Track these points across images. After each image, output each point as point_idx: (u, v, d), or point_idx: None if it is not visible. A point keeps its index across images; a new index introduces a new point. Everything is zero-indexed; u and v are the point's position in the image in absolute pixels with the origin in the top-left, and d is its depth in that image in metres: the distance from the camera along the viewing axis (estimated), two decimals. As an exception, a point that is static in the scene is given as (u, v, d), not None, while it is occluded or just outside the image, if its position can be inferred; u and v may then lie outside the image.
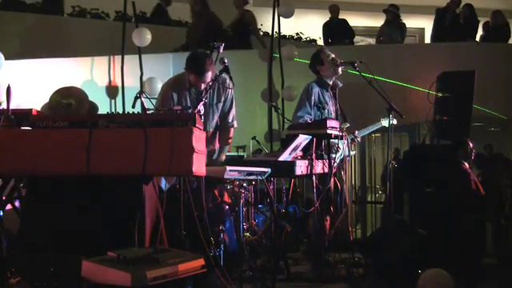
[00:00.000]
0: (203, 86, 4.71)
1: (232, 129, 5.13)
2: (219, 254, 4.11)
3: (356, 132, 5.71)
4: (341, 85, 5.61)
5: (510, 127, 10.03)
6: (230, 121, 5.09)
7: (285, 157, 4.58)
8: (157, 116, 3.75)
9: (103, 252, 3.05)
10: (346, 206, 5.18)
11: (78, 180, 3.42)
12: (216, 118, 5.02)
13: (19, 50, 7.64)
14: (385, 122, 6.01)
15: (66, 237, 3.39)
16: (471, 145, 5.56)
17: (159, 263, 2.97)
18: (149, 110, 4.37)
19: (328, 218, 5.08)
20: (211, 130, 5.00)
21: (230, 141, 5.19)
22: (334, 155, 5.01)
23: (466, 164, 5.50)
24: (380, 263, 4.70)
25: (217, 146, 5.10)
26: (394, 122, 5.29)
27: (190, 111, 4.21)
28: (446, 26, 10.19)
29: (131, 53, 7.24)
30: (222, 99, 5.00)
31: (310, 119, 5.34)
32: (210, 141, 4.94)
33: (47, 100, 4.13)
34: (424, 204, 5.31)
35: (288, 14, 7.85)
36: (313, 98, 5.44)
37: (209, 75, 4.68)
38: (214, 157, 5.03)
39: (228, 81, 4.86)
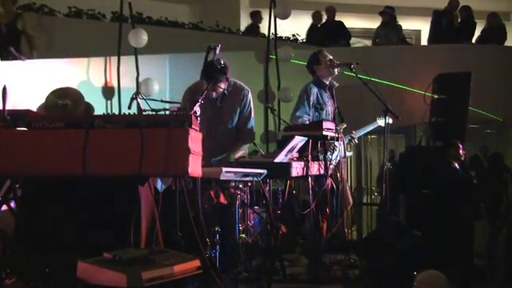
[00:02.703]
0: (215, 95, 4.73)
1: (252, 134, 5.10)
2: (215, 255, 4.10)
3: (353, 132, 5.69)
4: (337, 84, 5.61)
5: (505, 129, 10.05)
6: (249, 127, 5.01)
7: (281, 158, 4.57)
8: (153, 117, 3.74)
9: (99, 253, 3.04)
10: (347, 206, 5.18)
11: (74, 181, 3.41)
12: (229, 125, 4.95)
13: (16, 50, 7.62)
14: (381, 122, 5.97)
15: (62, 238, 3.38)
16: (461, 146, 5.59)
17: (155, 264, 2.97)
18: (145, 110, 4.36)
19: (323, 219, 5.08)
20: (221, 138, 4.92)
21: (247, 145, 5.18)
22: (330, 156, 5.00)
23: (457, 164, 5.54)
24: (376, 265, 4.71)
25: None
26: (390, 121, 5.31)
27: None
28: (443, 28, 10.20)
29: (127, 53, 7.23)
30: (240, 105, 4.94)
31: (309, 120, 5.33)
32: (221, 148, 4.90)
33: (43, 100, 4.12)
34: (419, 205, 5.32)
35: (284, 16, 7.85)
36: (311, 98, 5.43)
37: (221, 85, 4.70)
38: (225, 155, 4.93)
39: (243, 86, 4.89)
